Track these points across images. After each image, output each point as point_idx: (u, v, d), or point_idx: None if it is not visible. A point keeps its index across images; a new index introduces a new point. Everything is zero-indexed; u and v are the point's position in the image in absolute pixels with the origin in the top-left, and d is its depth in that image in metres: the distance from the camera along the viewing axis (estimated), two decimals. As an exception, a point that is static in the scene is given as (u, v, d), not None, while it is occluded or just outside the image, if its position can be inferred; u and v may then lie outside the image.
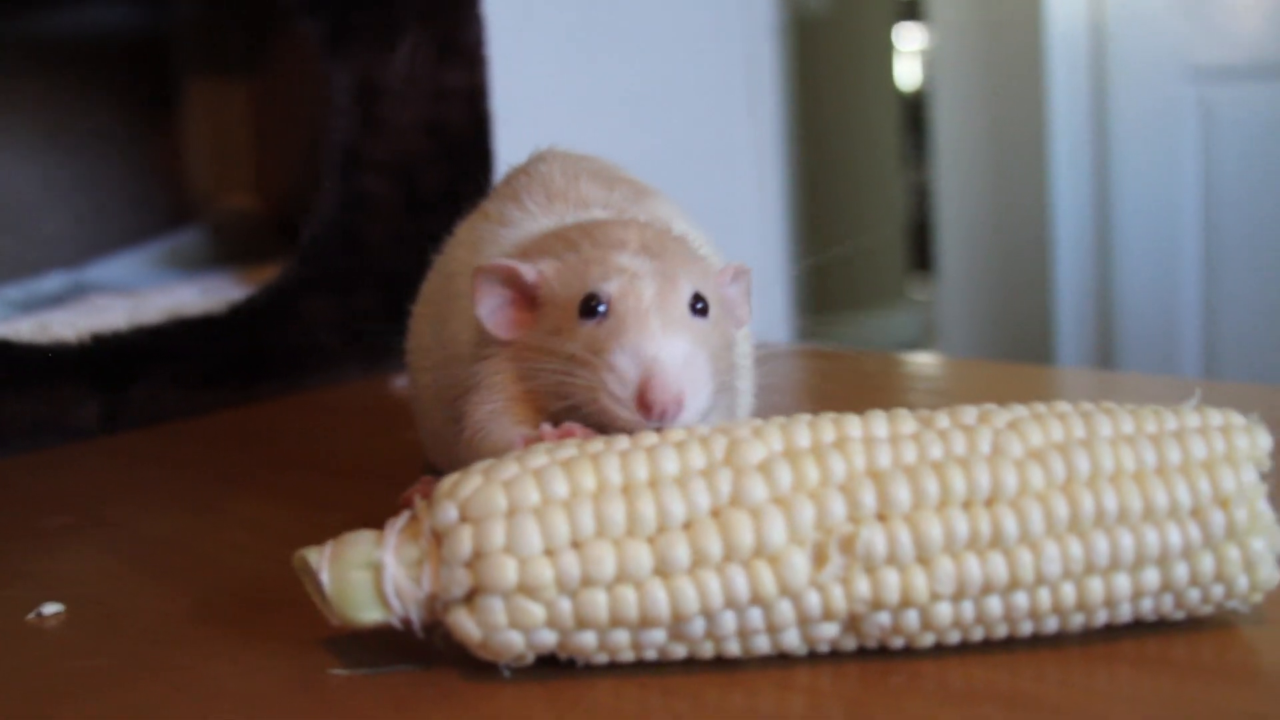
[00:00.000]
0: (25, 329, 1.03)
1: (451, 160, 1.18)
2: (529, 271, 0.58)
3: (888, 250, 3.90)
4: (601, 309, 0.54)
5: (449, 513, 0.49)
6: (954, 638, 0.50)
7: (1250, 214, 2.22)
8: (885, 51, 4.02)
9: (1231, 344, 2.25)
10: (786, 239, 1.95)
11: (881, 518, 0.48)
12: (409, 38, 1.13)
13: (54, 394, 0.98)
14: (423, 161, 1.16)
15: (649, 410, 0.52)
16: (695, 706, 0.48)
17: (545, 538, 0.48)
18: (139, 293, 1.18)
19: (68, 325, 1.04)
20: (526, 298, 0.58)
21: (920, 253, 3.75)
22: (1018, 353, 2.51)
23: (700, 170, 1.73)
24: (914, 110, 3.89)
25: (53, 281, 1.22)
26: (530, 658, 0.50)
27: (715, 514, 0.48)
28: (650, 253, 0.56)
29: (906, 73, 4.14)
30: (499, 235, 0.64)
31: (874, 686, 0.49)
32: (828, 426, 0.51)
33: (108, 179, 1.32)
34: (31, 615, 0.62)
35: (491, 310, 0.58)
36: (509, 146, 1.18)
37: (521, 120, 1.28)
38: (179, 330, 1.05)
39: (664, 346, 0.53)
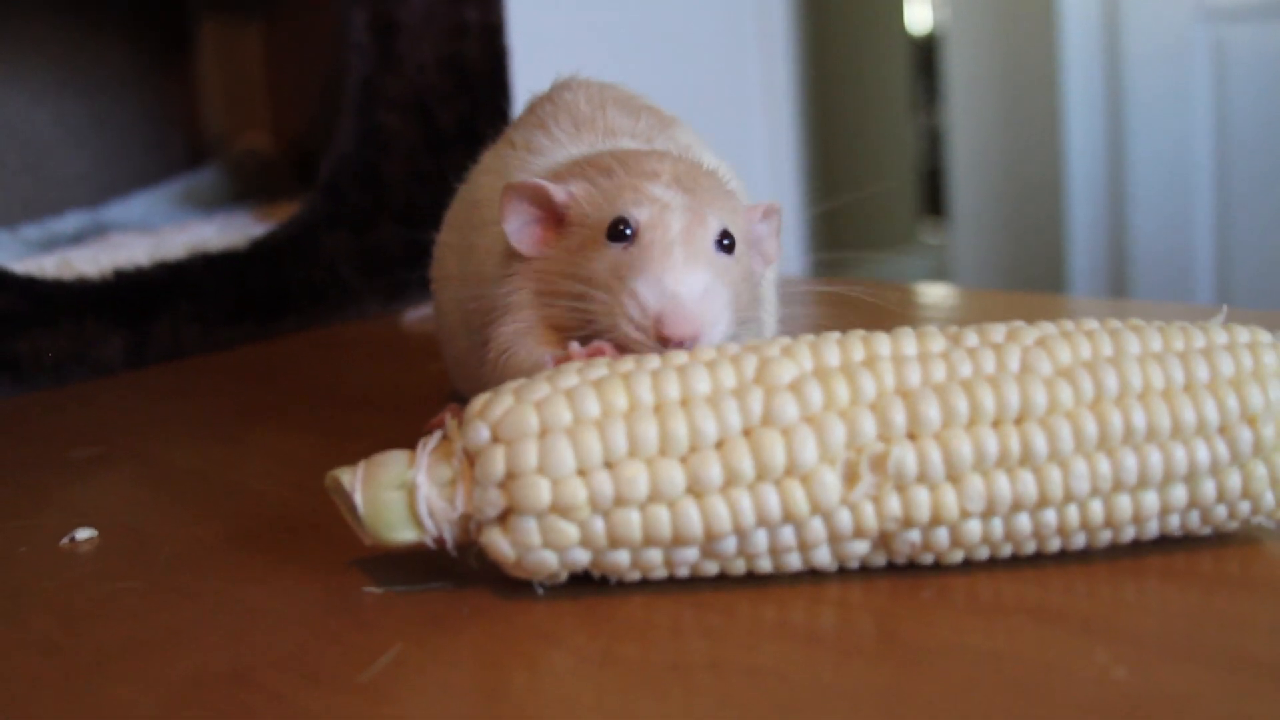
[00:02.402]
0: (49, 266, 1.03)
1: (469, 96, 1.18)
2: (559, 191, 0.58)
3: (900, 194, 3.89)
4: (628, 233, 0.55)
5: (481, 433, 0.49)
6: (983, 554, 0.50)
7: (1262, 153, 2.22)
8: (895, -6, 4.00)
9: (1244, 284, 2.25)
10: (799, 182, 1.95)
11: (912, 436, 0.49)
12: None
13: (78, 329, 0.99)
14: (440, 97, 1.16)
15: (665, 342, 0.52)
16: (728, 619, 0.48)
17: (578, 458, 0.48)
18: (159, 230, 1.19)
19: (90, 262, 1.04)
20: (554, 218, 0.59)
21: (932, 196, 3.74)
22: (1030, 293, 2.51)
23: (713, 112, 1.73)
24: (925, 53, 3.88)
25: (71, 221, 1.23)
26: (564, 576, 0.50)
27: (747, 433, 0.49)
28: (683, 186, 0.57)
29: (917, 16, 4.12)
30: (527, 162, 0.65)
31: (904, 600, 0.49)
32: (857, 345, 0.51)
33: (124, 119, 1.32)
34: (65, 540, 0.63)
35: (518, 227, 0.59)
36: (526, 82, 1.18)
37: (538, 56, 1.27)
38: (201, 266, 1.06)
39: (684, 280, 0.53)
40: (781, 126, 1.87)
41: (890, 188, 3.82)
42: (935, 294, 1.20)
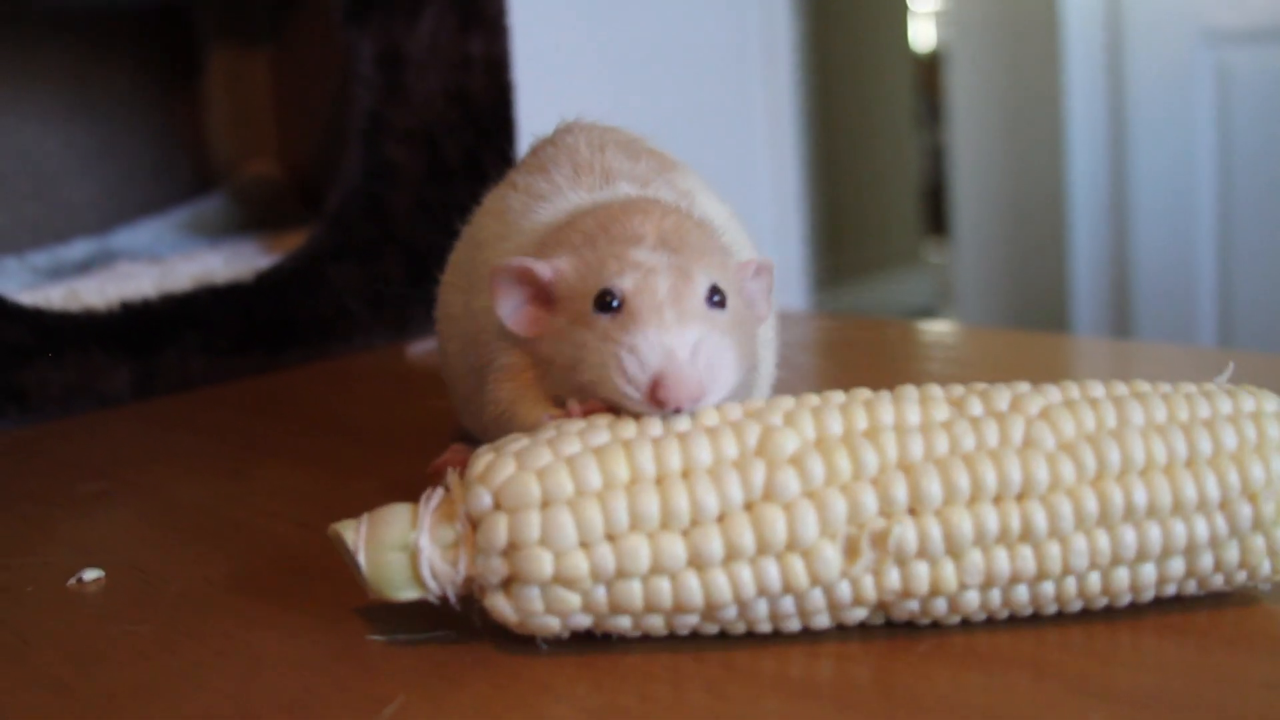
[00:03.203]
0: (56, 297, 1.04)
1: (474, 129, 1.18)
2: (544, 269, 0.58)
3: (902, 213, 3.90)
4: (615, 304, 0.54)
5: (484, 499, 0.49)
6: (980, 619, 0.51)
7: (1266, 178, 2.22)
8: (900, 13, 4.01)
9: (1246, 307, 2.26)
10: (802, 200, 1.95)
11: (913, 511, 0.49)
12: (432, 6, 1.14)
13: (85, 361, 0.99)
14: (445, 130, 1.17)
15: (662, 406, 0.52)
16: (727, 672, 0.49)
17: (580, 530, 0.48)
18: (165, 260, 1.19)
19: (97, 293, 1.05)
20: (544, 294, 0.59)
21: (935, 215, 3.75)
22: (1032, 315, 2.52)
23: (716, 134, 1.73)
24: (928, 72, 3.89)
25: (78, 248, 1.23)
26: (566, 635, 0.51)
27: (749, 507, 0.49)
28: (668, 246, 0.56)
29: (921, 34, 4.13)
30: (527, 206, 0.65)
31: (902, 652, 0.50)
32: (860, 412, 0.51)
33: (132, 146, 1.33)
34: (72, 581, 0.63)
35: (512, 310, 0.59)
36: (530, 115, 1.19)
37: (543, 88, 1.28)
38: (207, 298, 1.06)
39: (677, 338, 0.52)
40: (785, 144, 1.88)
41: (893, 205, 3.83)
42: (936, 332, 1.20)
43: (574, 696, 0.48)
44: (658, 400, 0.51)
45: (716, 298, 0.55)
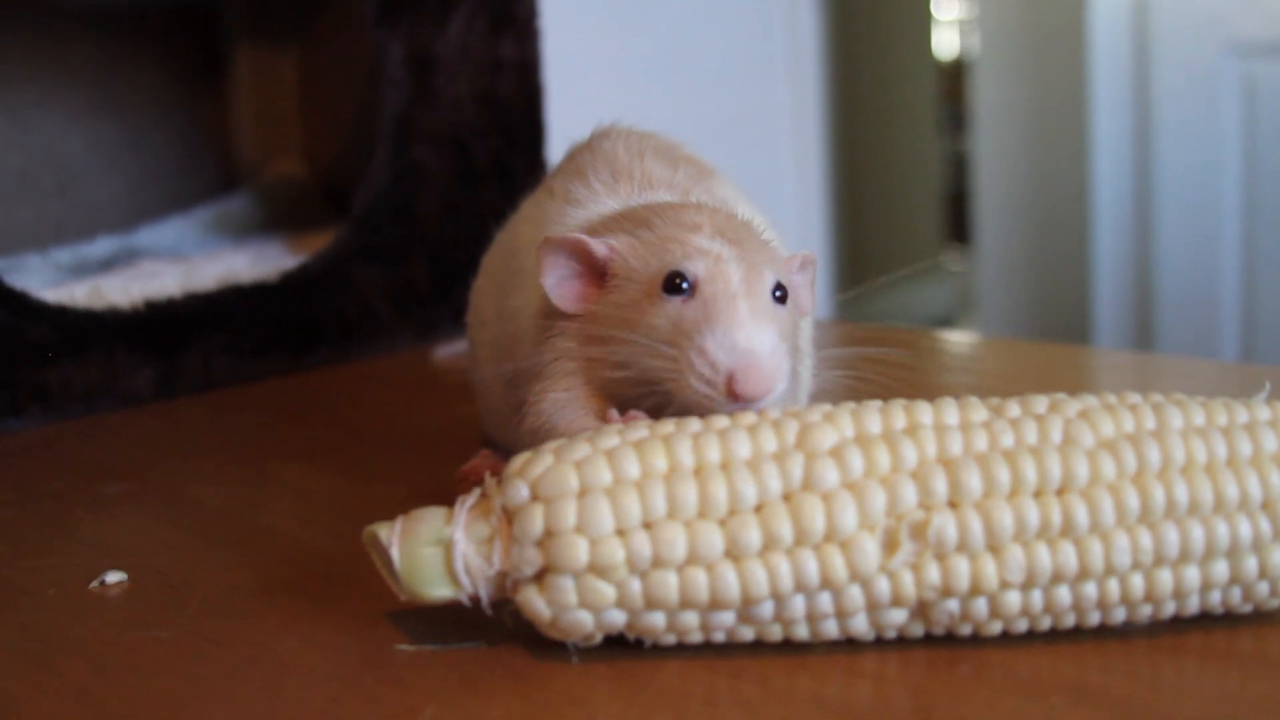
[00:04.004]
0: (79, 294, 1.04)
1: (503, 132, 1.18)
2: (599, 246, 0.58)
3: (924, 221, 3.89)
4: (686, 287, 0.54)
5: (520, 491, 0.49)
6: (1021, 626, 0.50)
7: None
8: (924, 20, 4.00)
9: (1270, 320, 2.25)
10: (825, 207, 1.95)
11: (953, 505, 0.49)
12: (462, 8, 1.14)
13: (109, 360, 0.99)
14: (474, 133, 1.16)
15: (737, 398, 0.52)
16: (763, 690, 0.48)
17: (617, 518, 0.48)
18: (190, 259, 1.19)
19: (121, 291, 1.04)
20: (594, 273, 0.58)
21: (957, 224, 3.74)
22: (1053, 326, 2.51)
23: (741, 141, 1.73)
24: (952, 80, 3.88)
25: (102, 246, 1.23)
26: (598, 638, 0.50)
27: (787, 498, 0.48)
28: (726, 238, 0.56)
29: (945, 42, 4.13)
30: (564, 212, 0.64)
31: (941, 675, 0.49)
32: (899, 413, 0.51)
33: (157, 144, 1.33)
34: (94, 584, 0.63)
35: (558, 282, 0.58)
36: (560, 119, 1.18)
37: (573, 93, 1.28)
38: (232, 298, 1.06)
39: (755, 336, 0.53)
40: (809, 150, 1.87)
41: (915, 214, 3.82)
42: (961, 342, 1.19)
43: (607, 713, 0.47)
44: (734, 393, 0.52)
45: (779, 293, 0.55)
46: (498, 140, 1.18)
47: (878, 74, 3.72)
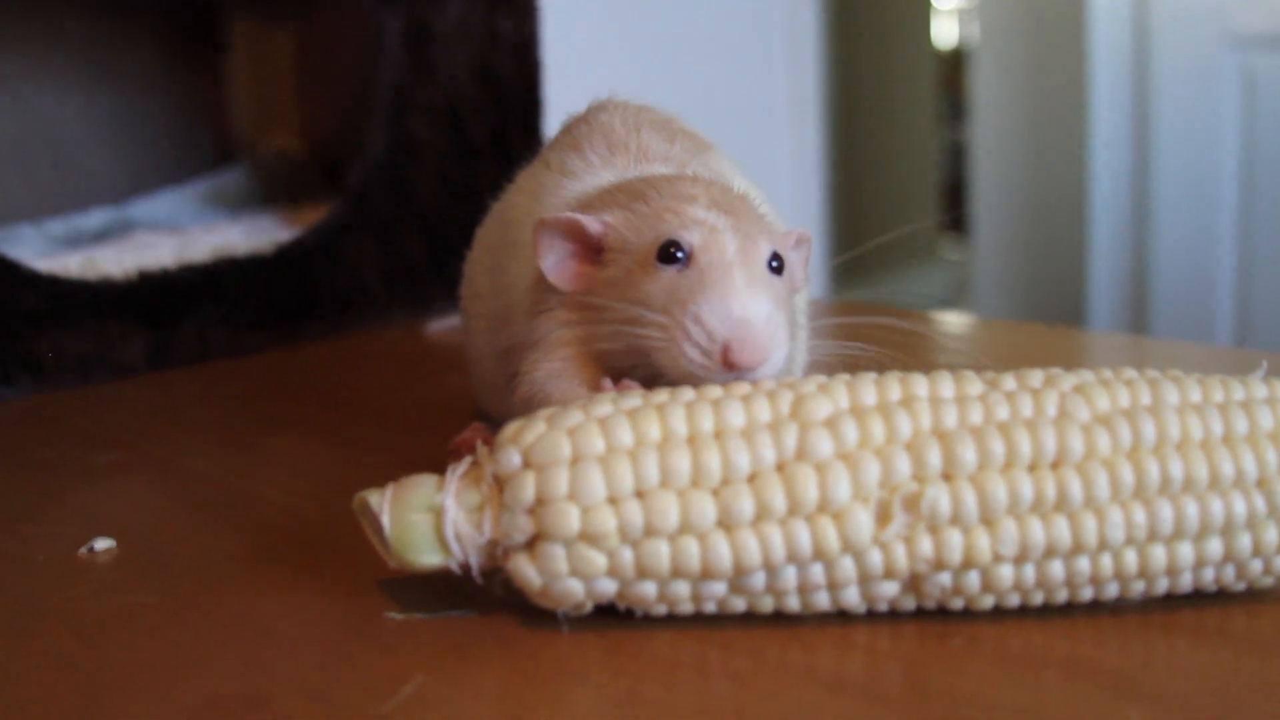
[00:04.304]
0: (73, 265, 1.03)
1: (500, 108, 1.18)
2: (593, 223, 0.57)
3: (921, 209, 3.89)
4: (681, 256, 0.54)
5: (512, 458, 0.49)
6: (1014, 601, 0.50)
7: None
8: (923, 9, 4.00)
9: (1265, 313, 2.25)
10: (822, 193, 1.95)
11: (947, 477, 0.48)
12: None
13: (102, 330, 0.98)
14: (471, 108, 1.16)
15: (732, 367, 0.52)
16: (754, 662, 0.48)
17: (609, 486, 0.48)
18: (185, 231, 1.19)
19: (114, 262, 1.04)
20: (589, 250, 0.58)
21: (956, 212, 3.73)
22: (1049, 315, 2.51)
23: (739, 124, 1.72)
24: (951, 69, 3.88)
25: (96, 218, 1.22)
26: (589, 607, 0.50)
27: (780, 468, 0.48)
28: (721, 209, 0.56)
29: (945, 31, 4.12)
30: (560, 184, 0.64)
31: (933, 648, 0.49)
32: (894, 385, 0.50)
33: (152, 117, 1.32)
34: (83, 550, 0.62)
35: (555, 263, 0.58)
36: (557, 96, 1.18)
37: (570, 70, 1.27)
38: (226, 269, 1.05)
39: (750, 305, 0.53)
40: (807, 137, 1.87)
41: (913, 201, 3.82)
42: (956, 323, 1.19)
43: (597, 681, 0.47)
44: (729, 362, 0.52)
45: (775, 263, 0.55)
46: (494, 116, 1.17)
47: (877, 62, 3.72)
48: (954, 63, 3.88)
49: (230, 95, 1.40)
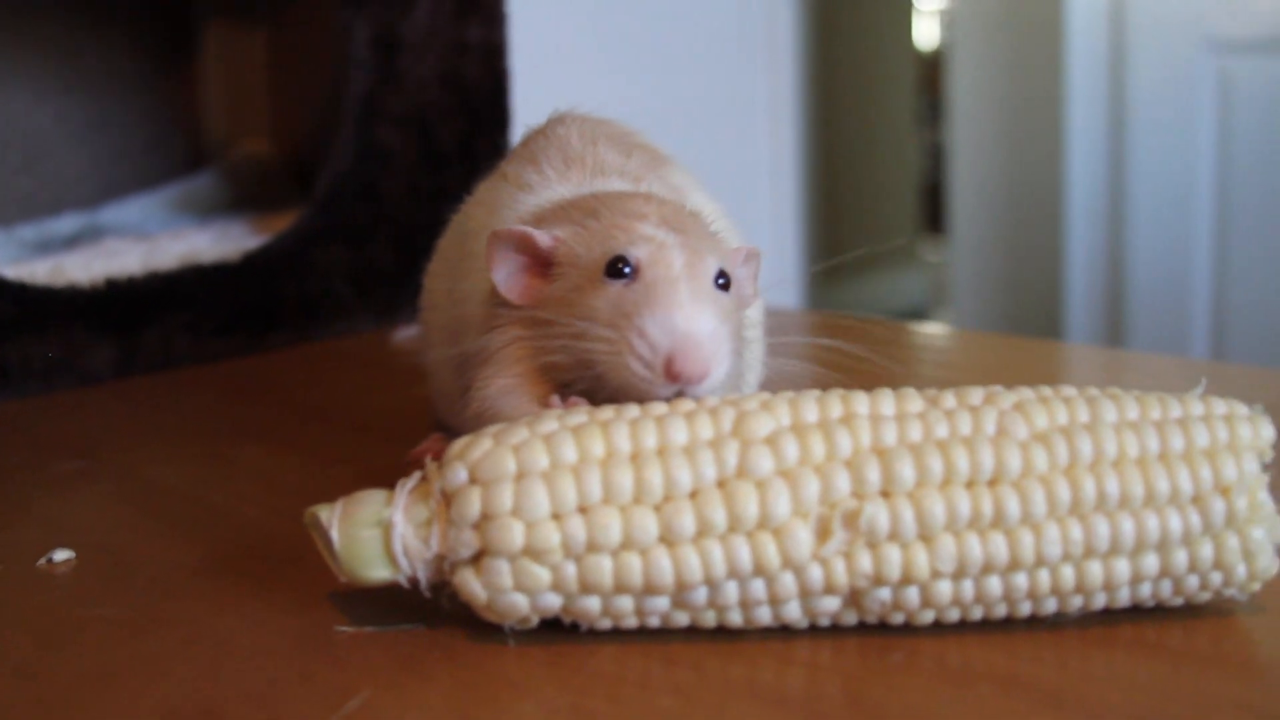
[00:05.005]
0: (40, 271, 1.03)
1: (468, 116, 1.18)
2: (543, 237, 0.58)
3: (900, 211, 3.89)
4: (628, 271, 0.55)
5: (459, 474, 0.49)
6: (953, 615, 0.51)
7: (1264, 188, 2.21)
8: (904, 10, 4.00)
9: (1240, 318, 2.25)
10: (800, 194, 1.95)
11: (885, 494, 0.49)
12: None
13: (67, 337, 0.99)
14: (440, 116, 1.16)
15: (675, 379, 0.52)
16: (697, 676, 0.48)
17: (553, 502, 0.48)
18: (153, 237, 1.19)
19: (82, 269, 1.04)
20: (541, 264, 0.59)
21: (932, 214, 3.74)
22: (1025, 318, 2.52)
23: (716, 126, 1.73)
24: (931, 70, 3.88)
25: (67, 222, 1.23)
26: (534, 621, 0.50)
27: (721, 484, 0.49)
28: (671, 226, 0.57)
29: (925, 32, 4.13)
30: (516, 198, 0.65)
31: (873, 663, 0.49)
32: (835, 403, 0.51)
33: (124, 122, 1.33)
34: (42, 561, 0.63)
35: (506, 275, 0.59)
36: (526, 104, 1.18)
37: (540, 78, 1.28)
38: (193, 277, 1.05)
39: (694, 319, 0.53)
40: (785, 138, 1.87)
41: (890, 204, 3.82)
42: (929, 335, 1.20)
43: (542, 696, 0.48)
44: (672, 374, 0.52)
45: (722, 280, 0.56)
46: (463, 123, 1.18)
47: (857, 63, 3.72)
48: (935, 64, 3.89)
49: (203, 100, 1.40)
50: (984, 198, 2.62)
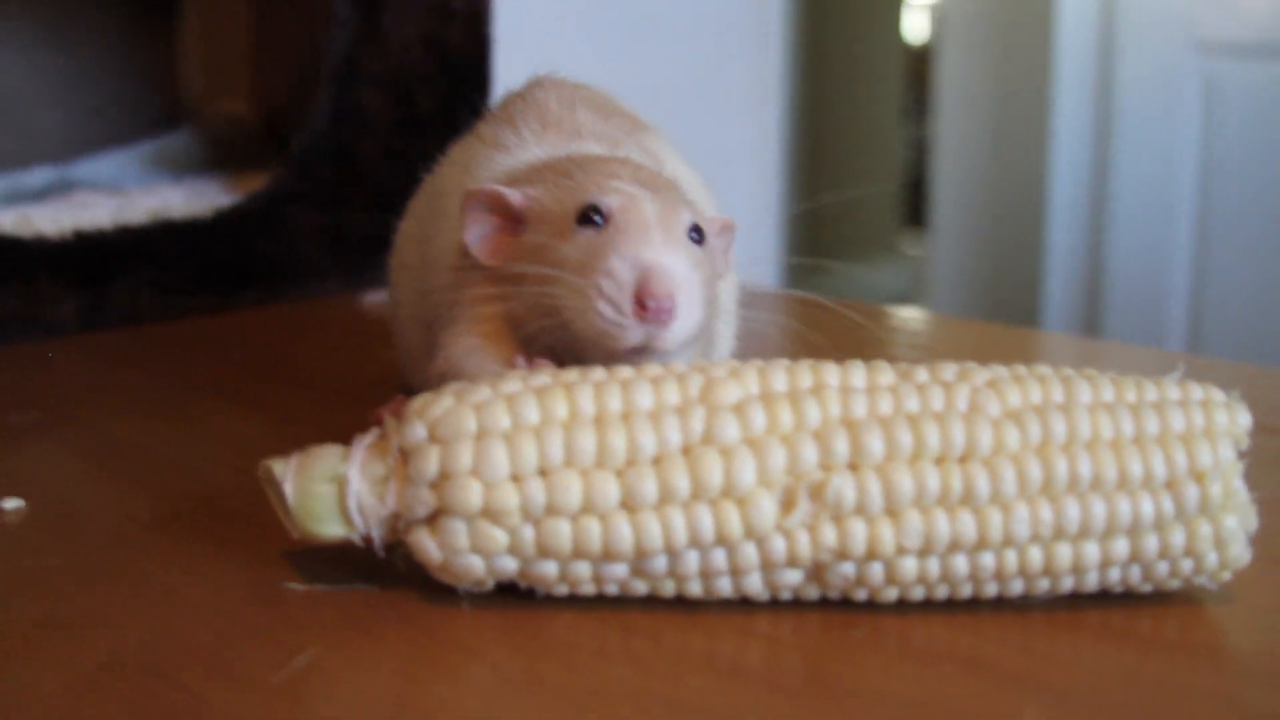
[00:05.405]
0: (7, 221, 1.02)
1: (449, 80, 1.17)
2: (516, 196, 0.57)
3: (882, 202, 3.89)
4: (599, 220, 0.54)
5: (417, 432, 0.48)
6: (918, 594, 0.50)
7: (1246, 191, 2.22)
8: (893, 3, 4.00)
9: (1217, 319, 2.26)
10: (781, 180, 1.94)
11: (853, 467, 0.48)
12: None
13: (32, 289, 0.97)
14: (420, 79, 1.15)
15: (644, 310, 0.51)
16: (654, 646, 0.48)
17: (513, 463, 0.47)
18: (125, 192, 1.17)
19: (50, 220, 1.03)
20: (513, 223, 0.58)
21: (914, 207, 3.74)
22: (1004, 314, 2.52)
23: (700, 104, 1.72)
24: (919, 64, 3.88)
25: (39, 176, 1.21)
26: (490, 584, 0.49)
27: (686, 451, 0.48)
28: (645, 185, 0.56)
29: (914, 25, 4.12)
30: (491, 158, 0.64)
31: (835, 639, 0.48)
32: (805, 373, 0.50)
33: (101, 77, 1.31)
34: (-9, 509, 0.62)
35: (478, 235, 0.58)
36: (508, 70, 1.17)
37: (522, 44, 1.26)
38: (162, 233, 1.04)
39: (663, 254, 0.52)
40: (769, 125, 1.86)
41: (873, 195, 3.82)
42: (905, 318, 1.19)
43: (494, 661, 0.47)
44: (641, 304, 0.51)
45: (695, 235, 0.55)
46: (443, 88, 1.16)
47: (845, 53, 3.72)
48: (922, 58, 3.88)
49: (181, 58, 1.38)
50: (968, 192, 2.62)
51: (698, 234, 0.56)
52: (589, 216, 0.54)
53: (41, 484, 0.66)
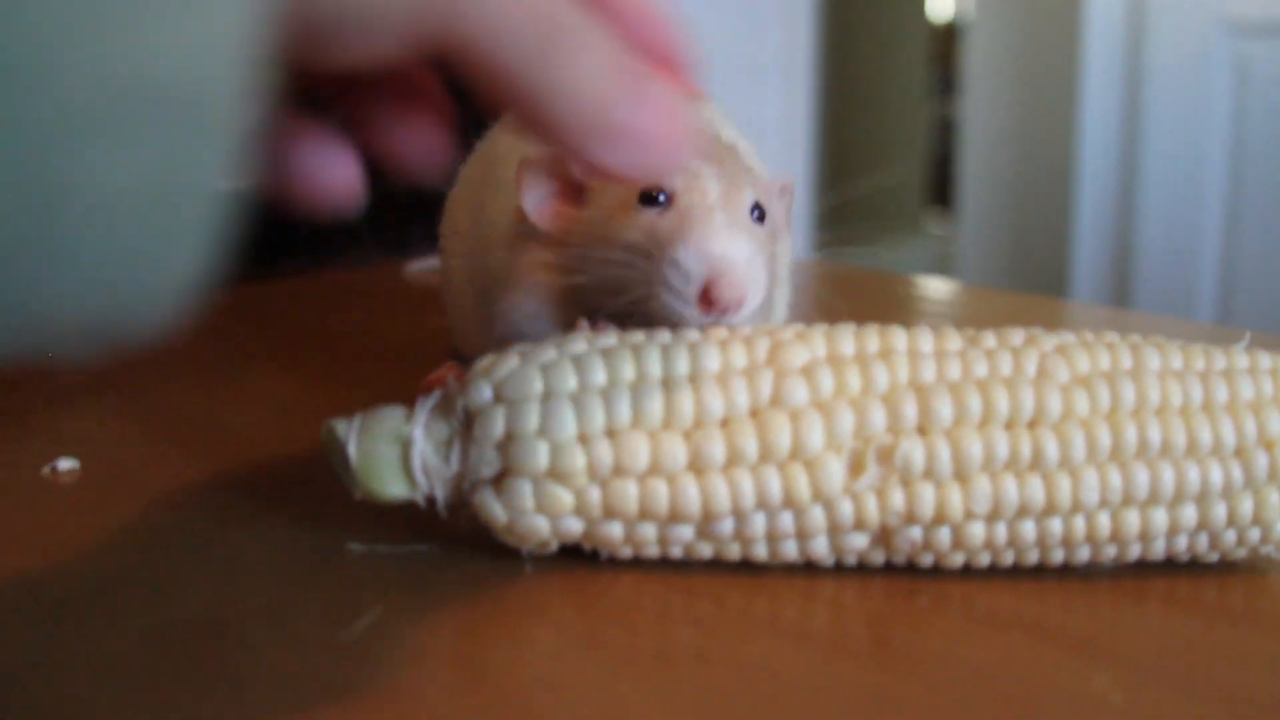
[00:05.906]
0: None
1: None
2: (577, 165, 0.57)
3: (908, 182, 3.88)
4: (662, 199, 0.53)
5: (484, 392, 0.48)
6: (984, 559, 0.49)
7: (1275, 169, 2.21)
8: (919, -18, 3.99)
9: (1246, 298, 2.25)
10: (810, 159, 1.94)
11: (921, 431, 0.48)
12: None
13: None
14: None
15: (710, 306, 0.51)
16: (718, 610, 0.47)
17: (580, 424, 0.47)
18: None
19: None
20: (572, 190, 0.57)
21: (941, 187, 3.73)
22: (1032, 292, 2.51)
23: (729, 83, 1.71)
24: (944, 42, 3.87)
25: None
26: (554, 545, 0.49)
27: (754, 414, 0.47)
28: (706, 156, 0.55)
29: (939, 4, 4.11)
30: None
31: (899, 604, 0.48)
32: (873, 337, 0.50)
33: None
34: (46, 469, 0.62)
35: (536, 202, 0.57)
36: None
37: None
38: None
39: (729, 245, 0.52)
40: (797, 102, 1.86)
41: (900, 176, 3.81)
42: (938, 288, 1.19)
43: (559, 621, 0.47)
44: (708, 301, 0.50)
45: (757, 212, 0.54)
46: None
47: (872, 32, 3.71)
48: (947, 37, 3.87)
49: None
50: (994, 172, 2.61)
51: (759, 211, 0.55)
52: (651, 196, 0.53)
53: (94, 445, 0.66)
